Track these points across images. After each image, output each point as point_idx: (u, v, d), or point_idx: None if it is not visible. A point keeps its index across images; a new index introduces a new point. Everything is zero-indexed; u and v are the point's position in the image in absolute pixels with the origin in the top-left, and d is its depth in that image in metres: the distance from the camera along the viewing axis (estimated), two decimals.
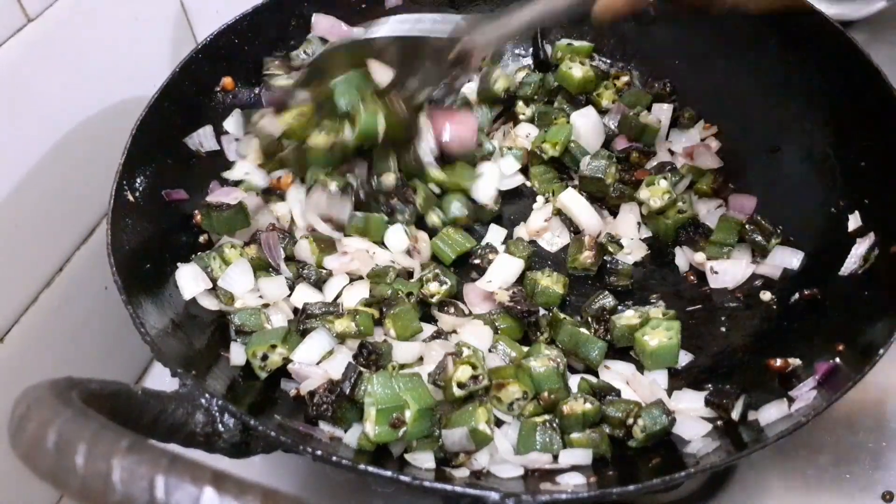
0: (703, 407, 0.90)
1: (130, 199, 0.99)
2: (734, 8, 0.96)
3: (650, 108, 1.26)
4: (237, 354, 0.96)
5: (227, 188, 1.11)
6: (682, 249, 1.12)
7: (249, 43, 1.20)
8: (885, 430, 0.99)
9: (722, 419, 0.88)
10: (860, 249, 0.95)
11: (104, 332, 1.11)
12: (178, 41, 1.24)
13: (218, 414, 0.78)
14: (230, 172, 1.14)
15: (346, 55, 1.09)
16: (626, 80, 1.31)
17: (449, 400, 0.88)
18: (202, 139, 1.14)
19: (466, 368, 0.88)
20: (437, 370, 0.89)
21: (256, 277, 1.03)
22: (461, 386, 0.88)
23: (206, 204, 1.06)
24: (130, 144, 1.00)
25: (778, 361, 0.91)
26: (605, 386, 0.93)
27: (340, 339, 0.96)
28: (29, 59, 0.95)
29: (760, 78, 1.16)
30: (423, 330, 1.00)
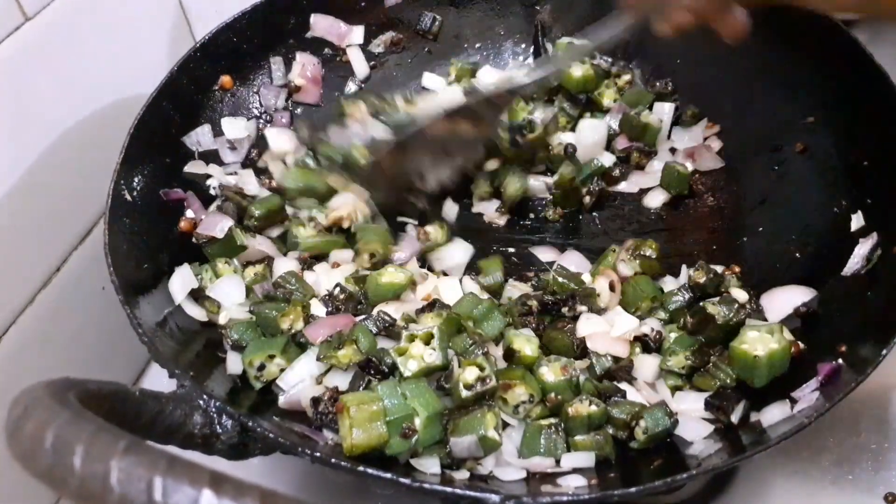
0: (703, 409, 0.90)
1: (128, 198, 0.99)
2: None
3: (652, 107, 1.26)
4: (234, 363, 0.94)
5: (214, 217, 1.07)
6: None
7: (248, 41, 1.20)
8: (887, 431, 0.99)
9: (722, 422, 0.87)
10: (863, 250, 0.95)
11: (102, 332, 1.11)
12: (176, 40, 1.24)
13: (216, 415, 0.78)
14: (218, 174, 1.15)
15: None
16: (627, 78, 1.30)
17: (456, 403, 0.87)
18: (200, 138, 1.14)
19: (473, 369, 0.87)
20: (444, 374, 0.88)
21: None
22: (468, 387, 0.86)
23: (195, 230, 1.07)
24: (128, 144, 1.00)
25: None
26: (610, 387, 0.92)
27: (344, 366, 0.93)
28: (27, 58, 0.95)
29: (763, 77, 1.16)
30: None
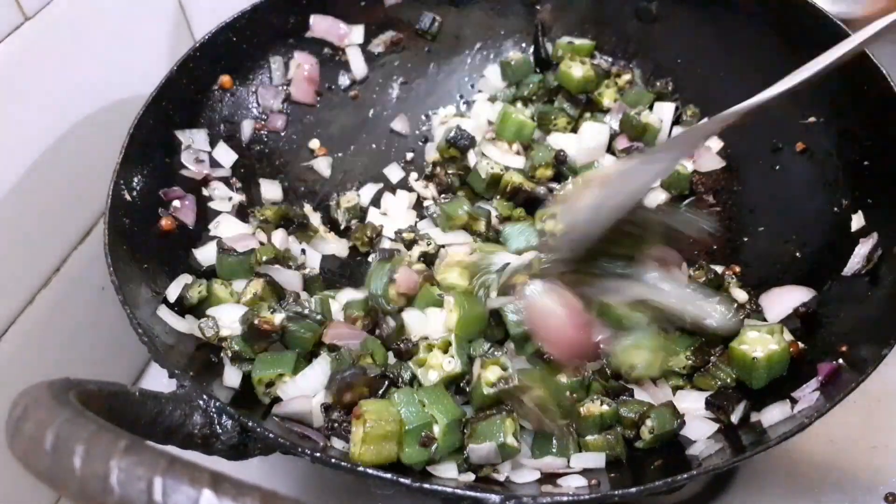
0: (703, 408, 0.90)
1: (128, 198, 0.99)
2: None
3: (652, 107, 1.26)
4: (231, 376, 0.92)
5: (242, 233, 1.07)
6: None
7: (248, 41, 1.19)
8: (888, 431, 0.99)
9: (722, 422, 0.87)
10: (863, 249, 0.95)
11: (101, 332, 1.11)
12: (175, 39, 1.23)
13: (216, 415, 0.77)
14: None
15: None
16: (627, 78, 1.30)
17: (477, 403, 0.87)
18: (194, 136, 1.13)
19: (496, 369, 0.87)
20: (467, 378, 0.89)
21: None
22: (491, 386, 0.86)
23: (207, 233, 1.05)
24: (128, 144, 0.99)
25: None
26: (617, 386, 0.92)
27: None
28: (26, 57, 0.94)
29: (763, 76, 1.15)
30: None
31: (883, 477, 0.95)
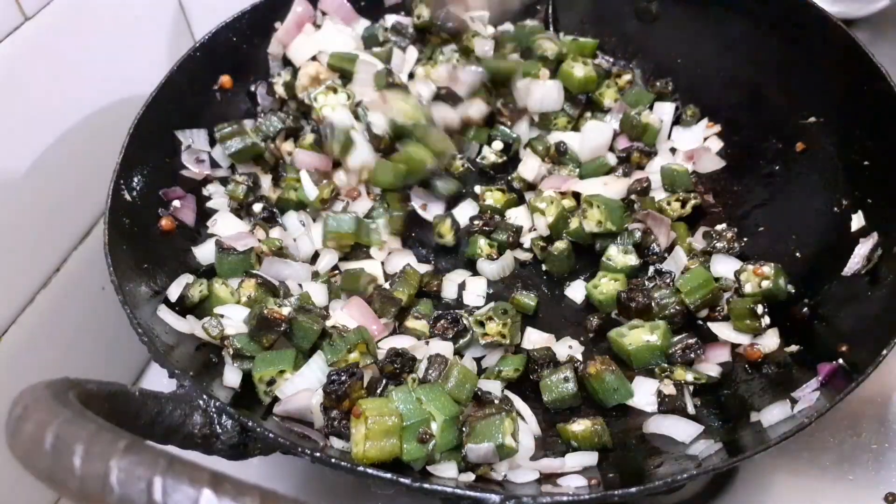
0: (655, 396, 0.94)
1: (128, 198, 0.99)
2: None
3: (652, 107, 1.26)
4: (231, 376, 0.92)
5: (240, 231, 1.08)
6: None
7: (248, 41, 1.19)
8: (888, 431, 0.99)
9: (678, 410, 0.90)
10: (863, 249, 0.95)
11: (101, 332, 1.11)
12: (175, 39, 1.23)
13: (216, 415, 0.77)
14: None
15: None
16: (628, 78, 1.30)
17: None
18: (194, 136, 1.13)
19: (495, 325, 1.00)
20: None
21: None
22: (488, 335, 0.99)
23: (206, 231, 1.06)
24: (128, 143, 1.00)
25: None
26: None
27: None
28: (26, 57, 0.95)
29: (763, 77, 1.16)
30: None
31: (882, 477, 0.95)
